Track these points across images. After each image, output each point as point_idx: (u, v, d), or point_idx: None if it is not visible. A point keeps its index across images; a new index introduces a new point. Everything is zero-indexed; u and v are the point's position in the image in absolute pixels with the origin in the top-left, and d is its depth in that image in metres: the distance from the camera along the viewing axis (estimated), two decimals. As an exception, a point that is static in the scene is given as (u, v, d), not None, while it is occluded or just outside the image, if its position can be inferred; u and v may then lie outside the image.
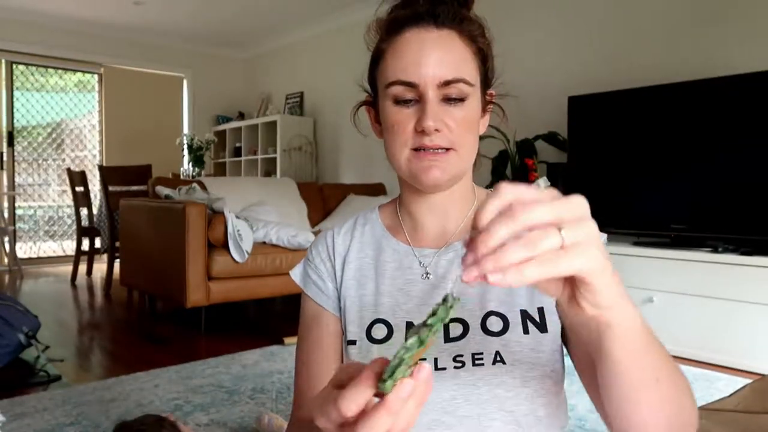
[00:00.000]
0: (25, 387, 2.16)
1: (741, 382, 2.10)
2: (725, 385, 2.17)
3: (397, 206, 0.82)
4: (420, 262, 0.76)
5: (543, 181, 3.28)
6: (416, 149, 0.70)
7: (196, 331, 3.04)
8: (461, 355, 0.68)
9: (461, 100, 0.69)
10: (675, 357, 2.35)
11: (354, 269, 0.79)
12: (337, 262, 0.81)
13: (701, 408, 0.74)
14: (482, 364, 0.67)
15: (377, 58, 0.74)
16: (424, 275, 0.75)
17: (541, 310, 0.70)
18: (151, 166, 4.71)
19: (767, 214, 2.48)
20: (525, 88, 3.57)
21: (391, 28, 0.73)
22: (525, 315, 0.70)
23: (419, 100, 0.69)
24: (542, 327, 0.69)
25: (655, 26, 3.24)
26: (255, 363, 2.42)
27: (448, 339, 0.70)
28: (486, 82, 0.75)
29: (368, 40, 0.76)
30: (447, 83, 0.68)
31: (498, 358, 0.67)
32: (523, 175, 3.39)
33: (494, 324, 0.69)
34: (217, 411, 1.89)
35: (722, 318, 2.44)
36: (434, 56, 0.68)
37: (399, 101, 0.71)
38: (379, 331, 0.73)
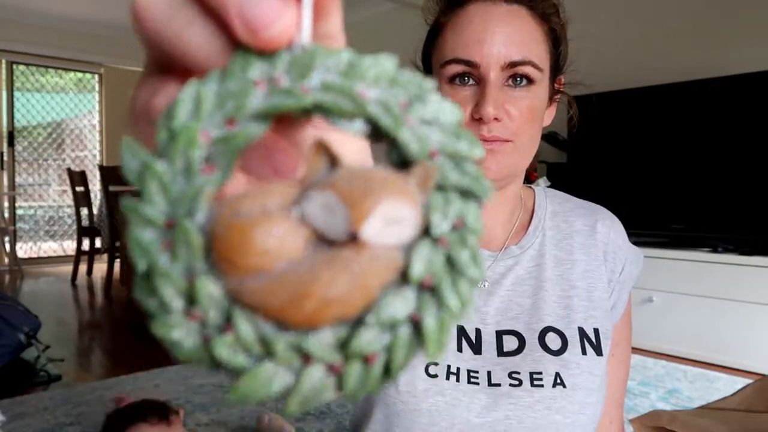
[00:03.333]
0: (25, 387, 2.16)
1: (740, 381, 2.10)
2: (725, 385, 2.17)
3: None
4: None
5: (543, 181, 3.28)
6: None
7: (196, 331, 3.03)
8: (518, 372, 0.62)
9: (527, 85, 0.62)
10: (674, 357, 2.32)
11: None
12: None
13: (703, 407, 0.75)
14: (541, 386, 0.61)
15: (434, 34, 0.66)
16: (481, 283, 0.69)
17: (596, 331, 0.65)
18: (151, 166, 4.71)
19: (767, 214, 2.48)
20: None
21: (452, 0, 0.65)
22: (582, 334, 0.64)
23: (479, 83, 0.61)
24: (598, 349, 0.64)
25: (656, 26, 3.24)
26: (255, 363, 2.42)
27: (501, 352, 0.64)
28: (556, 68, 0.67)
29: (426, 12, 0.67)
30: (513, 65, 0.60)
31: (558, 381, 0.61)
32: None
33: (553, 341, 0.64)
34: (217, 411, 1.89)
35: (722, 318, 2.44)
36: (500, 33, 0.60)
37: (455, 81, 0.62)
38: None
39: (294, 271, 0.14)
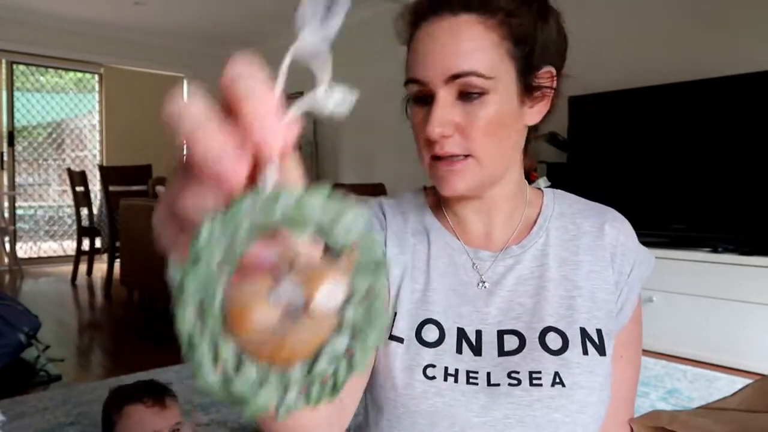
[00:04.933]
0: (25, 387, 2.16)
1: (740, 381, 2.10)
2: (725, 385, 2.17)
3: (440, 197, 0.72)
4: (474, 265, 0.70)
5: (543, 181, 3.28)
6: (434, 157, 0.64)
7: (196, 331, 3.04)
8: (517, 372, 0.63)
9: (480, 96, 0.60)
10: (674, 357, 2.31)
11: (409, 256, 0.70)
12: (390, 239, 0.71)
13: (703, 407, 0.75)
14: (540, 385, 0.62)
15: (410, 36, 0.66)
16: (480, 284, 0.68)
17: (599, 332, 0.65)
18: (151, 166, 4.71)
19: (767, 214, 2.48)
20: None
21: (411, 19, 0.65)
22: (584, 334, 0.64)
23: (431, 102, 0.62)
24: (601, 349, 0.64)
25: (656, 26, 3.24)
26: (255, 363, 2.43)
27: (502, 352, 0.64)
28: (528, 65, 0.63)
29: (399, 30, 0.68)
30: (455, 77, 0.59)
31: (557, 380, 0.62)
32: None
33: (553, 341, 0.64)
34: (217, 411, 1.89)
35: (722, 318, 2.44)
36: (440, 48, 0.60)
37: (417, 102, 0.64)
38: (431, 333, 0.66)
39: (275, 332, 0.22)
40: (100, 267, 4.92)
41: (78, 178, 4.58)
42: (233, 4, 5.19)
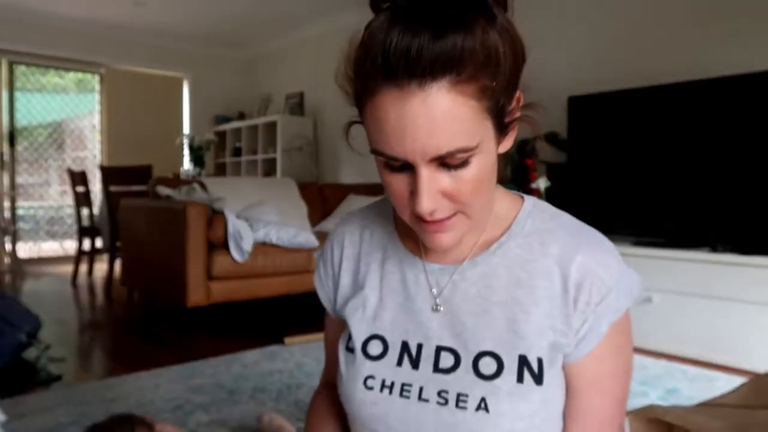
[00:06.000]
0: (26, 386, 2.17)
1: (739, 381, 2.10)
2: (725, 385, 2.17)
3: None
4: (419, 279, 0.72)
5: (543, 181, 3.29)
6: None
7: (196, 331, 3.04)
8: (446, 391, 0.64)
9: (464, 164, 0.57)
10: (674, 356, 2.32)
11: (362, 277, 0.76)
12: (344, 267, 0.78)
13: (701, 404, 0.75)
14: (465, 408, 0.63)
15: (360, 97, 0.59)
16: (425, 299, 0.70)
17: (540, 361, 0.63)
18: (151, 167, 4.72)
19: (766, 214, 2.48)
20: (524, 88, 3.58)
21: (362, 78, 0.57)
22: (523, 362, 0.63)
23: (410, 167, 0.58)
24: (538, 379, 0.63)
25: (656, 26, 3.25)
26: (255, 363, 2.43)
27: (436, 368, 0.66)
28: (503, 108, 0.60)
29: (341, 83, 0.61)
30: (440, 158, 0.56)
31: (482, 405, 0.62)
32: (524, 176, 3.39)
33: (487, 366, 0.64)
34: (217, 410, 1.89)
35: (721, 318, 2.44)
36: (418, 128, 0.54)
37: (389, 167, 0.60)
38: (375, 348, 0.70)
39: None
40: (101, 267, 4.92)
41: (78, 178, 4.59)
42: (233, 4, 5.20)
